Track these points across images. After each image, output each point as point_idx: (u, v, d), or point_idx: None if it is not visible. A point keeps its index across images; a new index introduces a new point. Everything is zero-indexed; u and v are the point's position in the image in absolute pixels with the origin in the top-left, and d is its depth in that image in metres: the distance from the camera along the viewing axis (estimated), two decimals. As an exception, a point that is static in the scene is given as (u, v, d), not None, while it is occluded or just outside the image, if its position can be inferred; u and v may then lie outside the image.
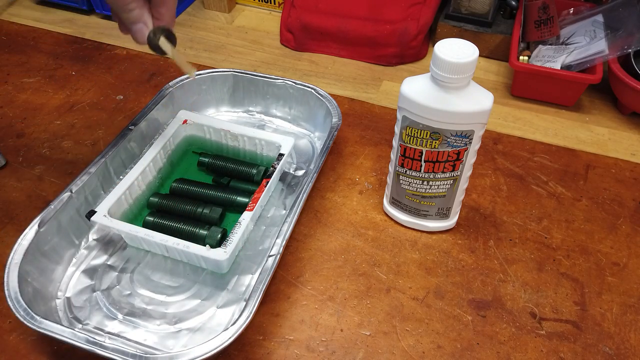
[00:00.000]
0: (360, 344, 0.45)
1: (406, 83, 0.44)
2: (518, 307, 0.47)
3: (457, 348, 0.44)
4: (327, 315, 0.46)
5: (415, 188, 0.49)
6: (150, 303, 0.47)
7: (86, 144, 0.62)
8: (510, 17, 0.75)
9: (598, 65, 0.64)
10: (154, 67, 0.73)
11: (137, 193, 0.52)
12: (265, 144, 0.57)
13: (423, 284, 0.49)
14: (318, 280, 0.49)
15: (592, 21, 0.68)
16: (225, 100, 0.66)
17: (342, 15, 0.75)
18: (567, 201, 0.57)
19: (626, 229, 0.54)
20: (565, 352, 0.44)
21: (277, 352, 0.44)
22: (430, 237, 0.53)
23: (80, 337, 0.39)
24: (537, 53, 0.68)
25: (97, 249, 0.51)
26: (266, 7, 0.85)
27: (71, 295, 0.47)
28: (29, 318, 0.40)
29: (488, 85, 0.71)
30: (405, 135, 0.46)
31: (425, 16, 0.72)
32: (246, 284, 0.48)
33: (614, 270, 0.50)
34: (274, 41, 0.79)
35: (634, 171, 0.60)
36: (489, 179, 0.59)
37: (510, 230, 0.54)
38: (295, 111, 0.64)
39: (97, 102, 0.68)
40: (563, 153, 0.62)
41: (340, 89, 0.70)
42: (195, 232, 0.49)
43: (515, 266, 0.50)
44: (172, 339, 0.44)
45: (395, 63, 0.74)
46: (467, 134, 0.44)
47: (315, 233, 0.53)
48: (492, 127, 0.65)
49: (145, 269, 0.49)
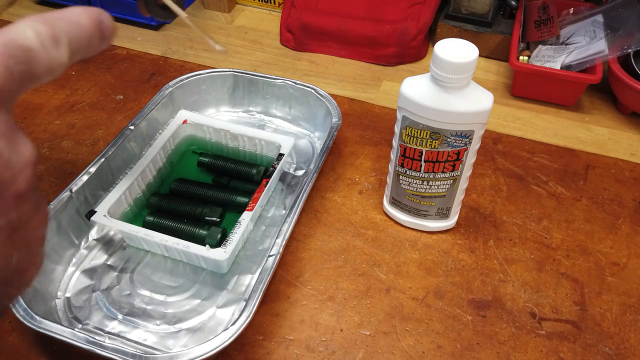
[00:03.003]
0: (360, 344, 0.45)
1: (406, 83, 0.44)
2: (518, 307, 0.47)
3: (457, 348, 0.44)
4: (327, 315, 0.46)
5: (415, 188, 0.49)
6: (150, 303, 0.47)
7: (86, 144, 0.62)
8: (510, 17, 0.75)
9: (598, 65, 0.64)
10: (154, 67, 0.73)
11: (137, 193, 0.52)
12: (265, 144, 0.57)
13: (423, 284, 0.49)
14: (318, 280, 0.49)
15: (592, 21, 0.68)
16: (225, 100, 0.66)
17: (342, 15, 0.75)
18: (567, 201, 0.57)
19: (626, 229, 0.54)
20: (565, 352, 0.44)
21: (277, 352, 0.44)
22: (430, 237, 0.53)
23: (80, 337, 0.39)
24: (537, 53, 0.68)
25: (97, 249, 0.51)
26: (266, 7, 0.85)
27: (71, 295, 0.47)
28: (28, 318, 0.40)
29: (488, 85, 0.71)
30: (405, 135, 0.46)
31: (425, 16, 0.72)
32: (246, 284, 0.48)
33: (613, 270, 0.50)
34: (274, 41, 0.79)
35: (634, 171, 0.60)
36: (489, 179, 0.59)
37: (510, 230, 0.54)
38: (295, 111, 0.64)
39: (97, 102, 0.68)
40: (563, 153, 0.62)
41: (340, 89, 0.70)
42: (195, 232, 0.49)
43: (515, 266, 0.50)
44: (172, 339, 0.44)
45: (395, 63, 0.74)
46: (467, 134, 0.44)
47: (315, 233, 0.53)
48: (492, 127, 0.65)
49: (145, 269, 0.49)
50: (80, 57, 0.27)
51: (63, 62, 0.25)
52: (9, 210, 0.22)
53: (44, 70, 0.24)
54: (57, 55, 0.24)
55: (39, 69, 0.24)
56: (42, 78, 0.24)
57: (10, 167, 0.22)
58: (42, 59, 0.24)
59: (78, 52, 0.26)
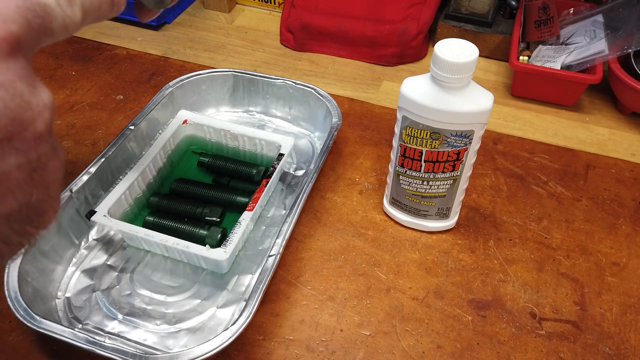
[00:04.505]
0: (360, 344, 0.45)
1: (406, 83, 0.44)
2: (518, 307, 0.47)
3: (457, 348, 0.44)
4: (327, 315, 0.46)
5: (415, 188, 0.49)
6: (150, 303, 0.47)
7: (86, 144, 0.62)
8: (510, 17, 0.75)
9: (598, 65, 0.64)
10: (154, 67, 0.73)
11: (137, 193, 0.52)
12: (265, 144, 0.57)
13: (423, 284, 0.49)
14: (318, 280, 0.49)
15: (592, 21, 0.68)
16: (225, 100, 0.66)
17: (342, 15, 0.75)
18: (567, 201, 0.57)
19: (626, 229, 0.54)
20: (565, 352, 0.44)
21: (277, 352, 0.44)
22: (430, 237, 0.53)
23: (80, 337, 0.39)
24: (537, 53, 0.68)
25: (97, 249, 0.51)
26: (266, 7, 0.85)
27: (71, 295, 0.47)
28: (28, 318, 0.40)
29: (488, 85, 0.71)
30: (405, 135, 0.46)
31: (425, 16, 0.72)
32: (246, 284, 0.48)
33: (614, 270, 0.50)
34: (274, 41, 0.79)
35: (634, 171, 0.60)
36: (489, 179, 0.59)
37: (510, 230, 0.54)
38: (295, 111, 0.64)
39: (97, 102, 0.68)
40: (563, 153, 0.62)
41: (340, 89, 0.70)
42: (195, 232, 0.49)
43: (515, 266, 0.50)
44: (172, 339, 0.44)
45: (395, 63, 0.74)
46: (467, 134, 0.44)
47: (315, 233, 0.53)
48: (492, 127, 0.65)
49: (145, 269, 0.49)
50: (92, 20, 0.29)
51: (76, 20, 0.27)
52: (29, 149, 0.24)
53: (59, 27, 0.26)
54: (71, 13, 0.27)
55: (55, 25, 0.26)
56: (57, 34, 0.27)
57: (30, 109, 0.24)
58: (58, 15, 0.26)
59: (90, 14, 0.29)
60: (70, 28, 0.27)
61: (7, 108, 0.23)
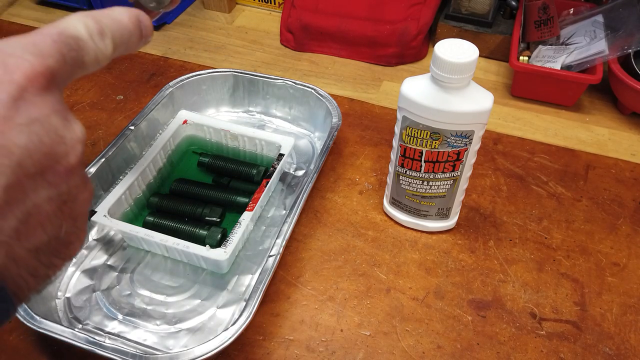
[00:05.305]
0: (360, 344, 0.45)
1: (406, 83, 0.44)
2: (518, 308, 0.47)
3: (457, 348, 0.44)
4: (327, 316, 0.46)
5: (415, 188, 0.49)
6: (150, 303, 0.47)
7: (86, 144, 0.62)
8: (510, 17, 0.75)
9: (598, 65, 0.64)
10: (154, 67, 0.73)
11: (137, 193, 0.52)
12: (265, 144, 0.57)
13: (423, 284, 0.49)
14: (318, 281, 0.49)
15: (592, 21, 0.68)
16: (225, 100, 0.66)
17: (342, 15, 0.75)
18: (567, 201, 0.57)
19: (626, 229, 0.54)
20: (565, 353, 0.44)
21: (277, 352, 0.44)
22: (430, 237, 0.53)
23: (80, 337, 0.39)
24: (537, 53, 0.69)
25: (97, 249, 0.51)
26: (266, 7, 0.85)
27: (71, 295, 0.47)
28: (28, 318, 0.40)
29: (488, 86, 0.71)
30: (405, 135, 0.46)
31: (425, 16, 0.72)
32: (246, 284, 0.48)
33: (614, 271, 0.50)
34: (274, 41, 0.79)
35: (634, 171, 0.60)
36: (489, 179, 0.59)
37: (510, 231, 0.54)
38: (295, 111, 0.64)
39: (97, 102, 0.68)
40: (563, 153, 0.62)
41: (340, 89, 0.70)
42: (195, 232, 0.49)
43: (515, 266, 0.50)
44: (172, 339, 0.44)
45: (395, 63, 0.74)
46: (467, 134, 0.44)
47: (315, 233, 0.53)
48: (492, 127, 0.65)
49: (145, 269, 0.49)
50: (122, 52, 0.30)
51: (107, 53, 0.28)
52: (61, 182, 0.24)
53: (91, 60, 0.27)
54: (103, 47, 0.28)
55: (87, 58, 0.27)
56: (89, 67, 0.27)
57: (64, 143, 0.24)
58: (90, 48, 0.27)
59: (120, 46, 0.29)
60: (102, 61, 0.28)
61: (41, 143, 0.23)
